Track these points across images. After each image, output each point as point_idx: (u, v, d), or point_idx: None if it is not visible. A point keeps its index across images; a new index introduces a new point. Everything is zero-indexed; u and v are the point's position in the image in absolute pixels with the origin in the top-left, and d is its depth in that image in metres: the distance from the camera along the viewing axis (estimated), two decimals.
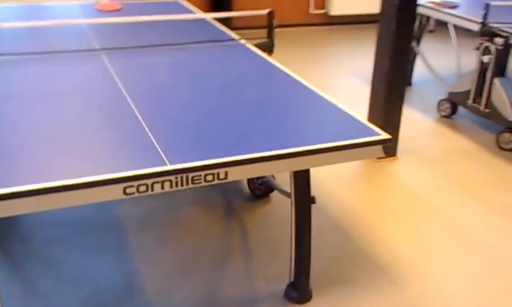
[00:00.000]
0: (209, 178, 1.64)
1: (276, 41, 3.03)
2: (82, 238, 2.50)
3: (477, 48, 3.62)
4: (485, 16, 3.51)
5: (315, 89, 2.28)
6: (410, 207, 2.90)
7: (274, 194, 2.92)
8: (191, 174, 1.61)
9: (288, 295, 2.17)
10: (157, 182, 1.57)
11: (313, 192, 2.05)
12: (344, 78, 4.94)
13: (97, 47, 2.78)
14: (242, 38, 2.97)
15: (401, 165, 3.34)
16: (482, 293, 2.26)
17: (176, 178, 1.59)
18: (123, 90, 2.20)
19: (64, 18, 3.35)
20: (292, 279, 2.17)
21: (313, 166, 1.81)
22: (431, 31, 6.50)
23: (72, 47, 2.77)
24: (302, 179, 2.00)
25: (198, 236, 2.55)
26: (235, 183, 3.01)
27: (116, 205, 2.76)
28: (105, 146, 1.73)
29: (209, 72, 2.44)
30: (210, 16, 3.41)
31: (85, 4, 3.71)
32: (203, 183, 1.64)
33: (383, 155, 1.87)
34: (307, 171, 1.98)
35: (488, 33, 3.51)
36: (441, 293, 2.25)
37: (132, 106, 2.04)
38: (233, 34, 3.07)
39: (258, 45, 2.87)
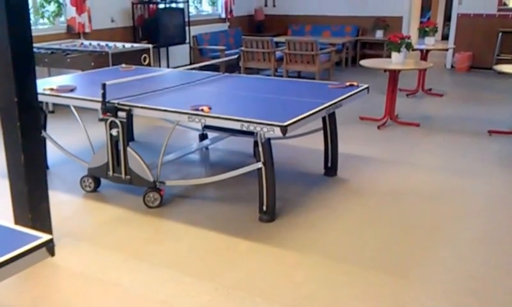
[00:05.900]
0: None
1: None
2: None
3: (102, 120, 3.84)
4: (104, 95, 3.77)
5: None
6: (86, 292, 2.88)
7: None
8: None
9: None
10: None
11: None
12: None
13: None
14: None
15: (63, 252, 3.27)
16: None
17: None
18: None
19: None
20: None
21: None
22: (51, 112, 6.56)
23: None
24: None
25: None
26: None
27: None
28: None
29: None
30: None
31: None
32: None
33: (49, 256, 1.83)
34: None
35: (110, 109, 3.78)
36: None
37: None
38: None
39: None
